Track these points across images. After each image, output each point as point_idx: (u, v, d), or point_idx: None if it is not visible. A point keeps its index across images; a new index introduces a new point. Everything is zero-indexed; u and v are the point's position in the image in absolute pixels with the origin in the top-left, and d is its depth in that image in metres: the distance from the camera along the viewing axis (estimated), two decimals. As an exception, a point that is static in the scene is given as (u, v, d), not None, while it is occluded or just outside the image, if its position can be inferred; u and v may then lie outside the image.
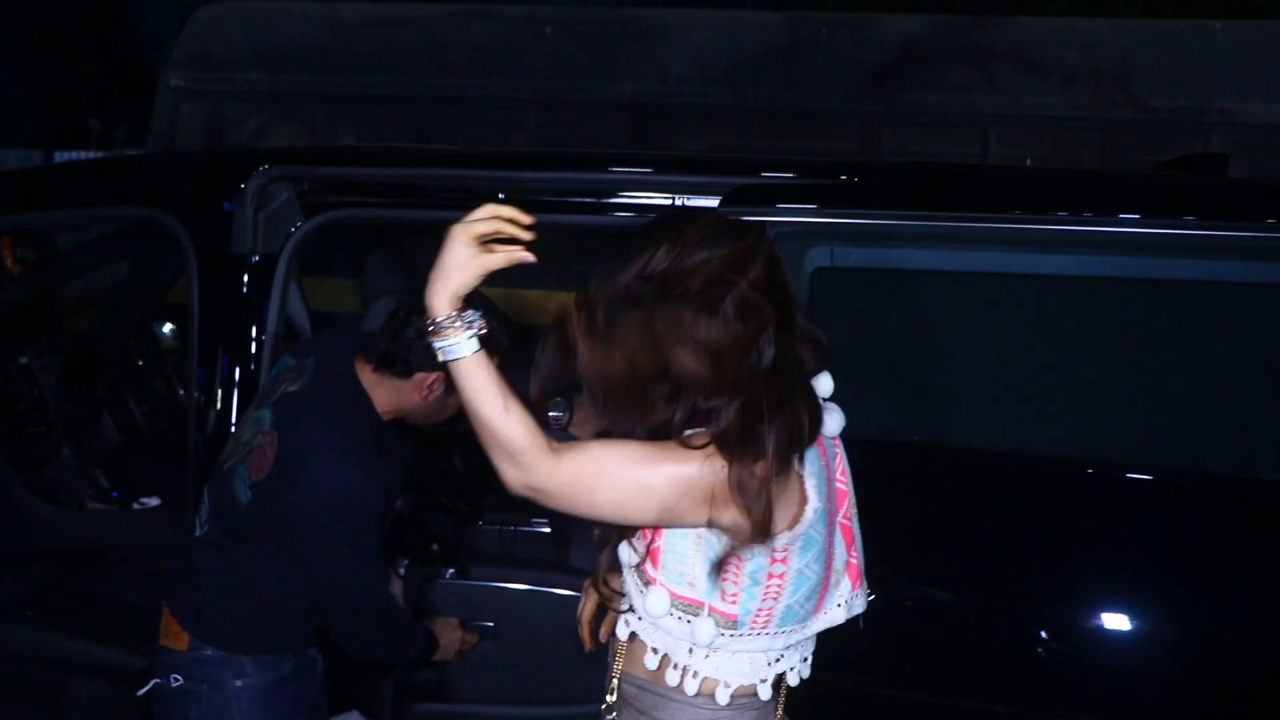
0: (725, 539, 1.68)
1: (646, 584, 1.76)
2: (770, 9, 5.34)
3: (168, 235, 2.86)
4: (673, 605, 1.74)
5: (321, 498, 2.11)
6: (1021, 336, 2.63)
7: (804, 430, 1.68)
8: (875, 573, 1.93)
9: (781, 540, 1.70)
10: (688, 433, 1.66)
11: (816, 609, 1.80)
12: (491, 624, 3.30)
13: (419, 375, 2.22)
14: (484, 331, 1.65)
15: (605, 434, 1.75)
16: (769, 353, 1.63)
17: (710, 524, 1.67)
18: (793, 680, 1.84)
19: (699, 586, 1.73)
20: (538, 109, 3.85)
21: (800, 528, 1.70)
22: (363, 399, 2.24)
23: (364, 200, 2.97)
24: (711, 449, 1.61)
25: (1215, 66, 4.37)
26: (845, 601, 1.83)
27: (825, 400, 1.78)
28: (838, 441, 1.82)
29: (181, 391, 3.87)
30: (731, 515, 1.64)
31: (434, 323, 1.63)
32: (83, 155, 11.18)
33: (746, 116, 3.74)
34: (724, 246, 1.62)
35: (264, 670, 2.24)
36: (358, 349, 2.28)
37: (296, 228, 2.91)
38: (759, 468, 1.61)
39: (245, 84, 3.96)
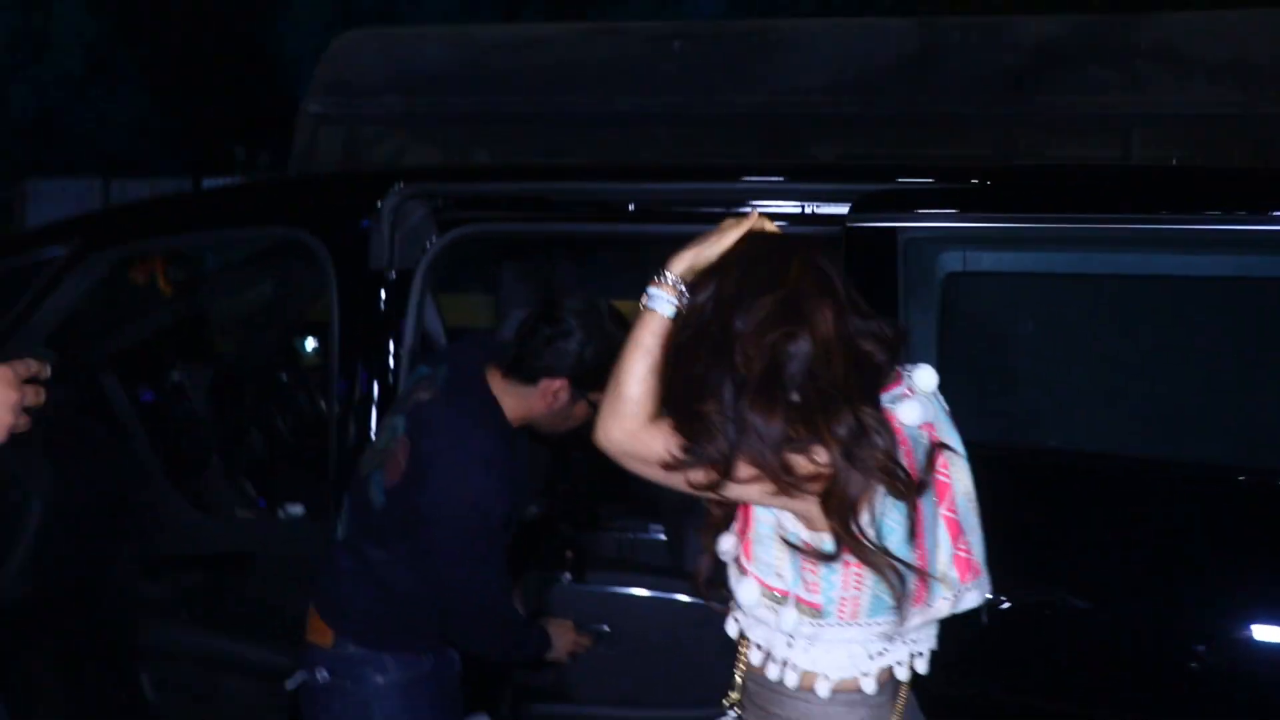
0: (803, 528, 1.71)
1: (741, 574, 1.81)
2: (902, 14, 5.27)
3: (309, 254, 2.94)
4: (763, 595, 1.79)
5: (449, 503, 2.16)
6: (1165, 340, 2.54)
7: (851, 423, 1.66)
8: (1015, 580, 1.95)
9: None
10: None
11: (917, 601, 1.77)
12: (608, 628, 3.31)
13: (545, 382, 2.24)
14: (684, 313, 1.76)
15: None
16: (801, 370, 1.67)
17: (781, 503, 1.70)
18: (902, 675, 1.81)
19: (786, 577, 1.77)
20: (667, 123, 3.85)
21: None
22: (492, 406, 2.27)
23: (496, 215, 2.99)
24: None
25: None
26: (953, 595, 1.80)
27: (921, 393, 1.77)
28: (932, 432, 1.78)
29: (323, 404, 4.00)
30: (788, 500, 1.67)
31: (662, 274, 1.76)
32: (230, 181, 11.70)
33: (879, 124, 3.70)
34: (762, 293, 1.69)
35: (405, 668, 2.29)
36: (488, 358, 2.33)
37: (431, 243, 2.94)
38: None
39: (381, 108, 4.05)
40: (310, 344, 4.68)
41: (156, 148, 18.88)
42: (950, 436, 1.82)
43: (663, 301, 1.77)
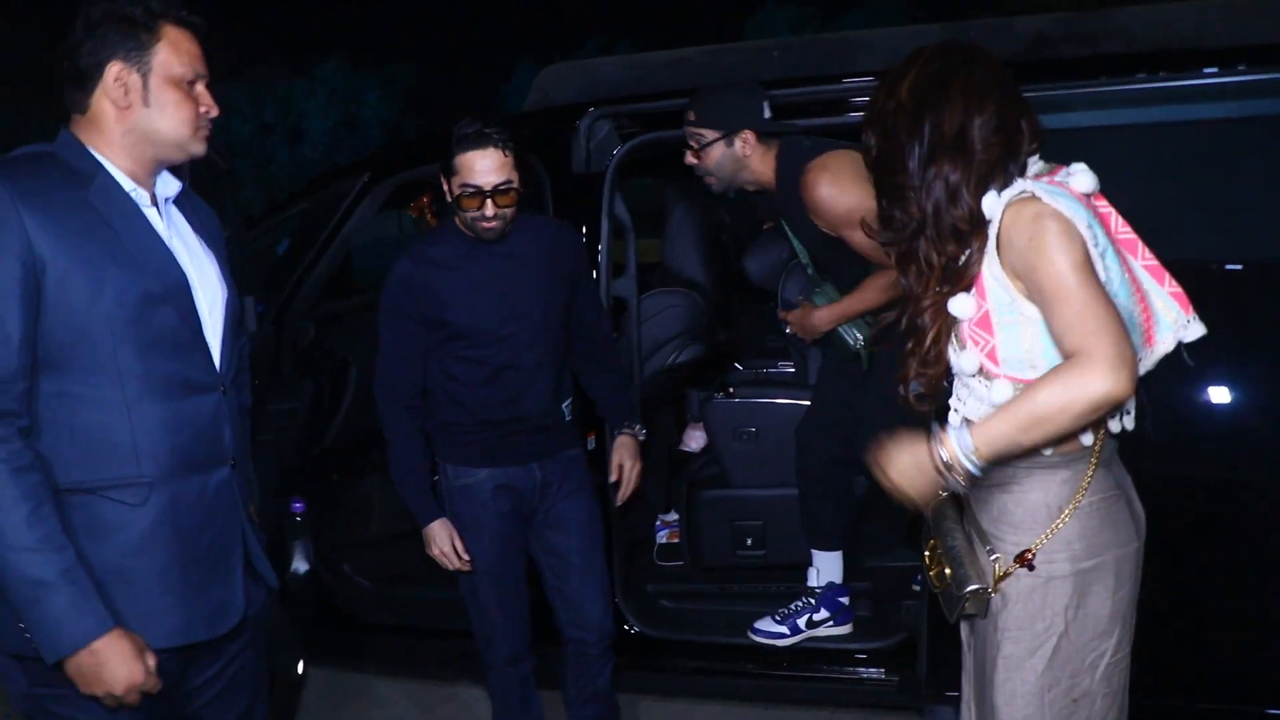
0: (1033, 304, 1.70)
1: (989, 380, 1.76)
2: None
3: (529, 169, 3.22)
4: (1015, 390, 1.73)
5: None
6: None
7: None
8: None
9: None
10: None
11: (1148, 342, 1.77)
12: (755, 429, 3.90)
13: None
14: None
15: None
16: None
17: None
18: (1114, 427, 1.80)
19: (1040, 367, 1.72)
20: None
21: None
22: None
23: (663, 126, 3.55)
24: None
25: None
26: (1177, 329, 1.79)
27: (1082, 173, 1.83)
28: (1099, 199, 1.82)
29: None
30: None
31: (974, 460, 1.71)
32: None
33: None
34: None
35: None
36: None
37: (616, 151, 3.53)
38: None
39: (576, 111, 4.21)
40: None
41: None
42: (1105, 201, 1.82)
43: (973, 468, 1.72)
